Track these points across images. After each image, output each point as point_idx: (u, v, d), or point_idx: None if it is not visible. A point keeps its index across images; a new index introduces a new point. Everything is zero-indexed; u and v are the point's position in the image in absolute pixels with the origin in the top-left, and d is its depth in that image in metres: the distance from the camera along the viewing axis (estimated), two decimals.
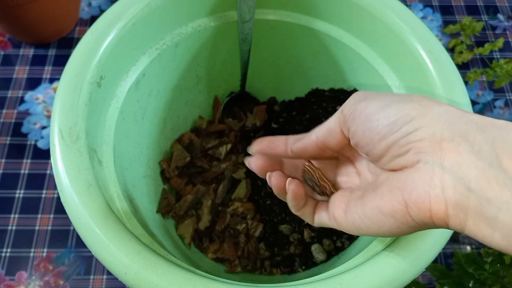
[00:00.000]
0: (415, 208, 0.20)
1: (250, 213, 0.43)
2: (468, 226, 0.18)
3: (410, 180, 0.20)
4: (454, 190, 0.18)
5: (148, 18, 0.34)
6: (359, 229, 0.23)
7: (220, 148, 0.45)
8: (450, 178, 0.18)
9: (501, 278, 0.39)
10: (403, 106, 0.21)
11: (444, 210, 0.19)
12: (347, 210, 0.24)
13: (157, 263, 0.25)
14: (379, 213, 0.21)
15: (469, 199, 0.18)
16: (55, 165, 0.28)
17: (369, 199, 0.22)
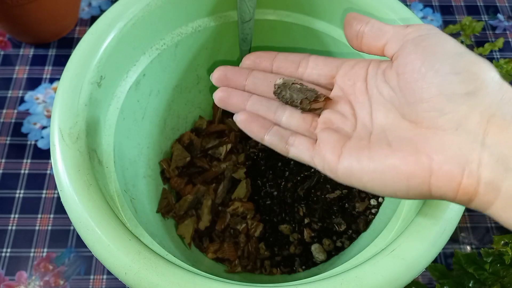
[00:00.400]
0: (443, 179, 0.19)
1: (250, 213, 0.43)
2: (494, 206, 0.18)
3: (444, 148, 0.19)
4: (491, 169, 0.18)
5: (148, 18, 0.34)
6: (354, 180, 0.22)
7: (220, 148, 0.45)
8: (490, 156, 0.18)
9: (501, 278, 0.39)
10: (472, 65, 0.20)
11: (475, 187, 0.18)
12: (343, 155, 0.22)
13: (157, 263, 0.25)
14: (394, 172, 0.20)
15: (505, 179, 0.18)
16: (55, 165, 0.28)
17: (382, 154, 0.21)
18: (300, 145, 0.25)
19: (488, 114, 0.19)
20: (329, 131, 0.24)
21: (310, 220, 0.42)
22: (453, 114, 0.19)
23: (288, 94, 0.26)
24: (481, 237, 0.48)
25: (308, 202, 0.43)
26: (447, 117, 0.20)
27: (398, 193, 0.21)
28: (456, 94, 0.19)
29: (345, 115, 0.25)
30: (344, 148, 0.23)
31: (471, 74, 0.19)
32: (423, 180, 0.20)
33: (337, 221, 0.41)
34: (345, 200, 0.42)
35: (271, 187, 0.44)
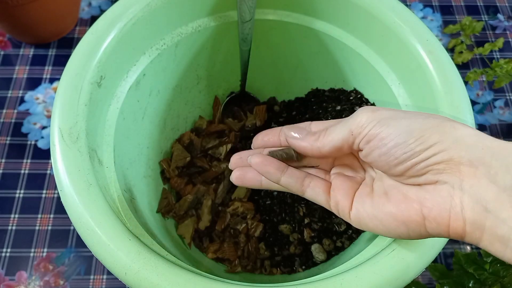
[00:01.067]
0: (434, 223, 0.21)
1: (250, 213, 0.43)
2: (483, 241, 0.20)
3: (430, 197, 0.21)
4: (472, 210, 0.20)
5: (148, 18, 0.34)
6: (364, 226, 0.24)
7: (220, 148, 0.45)
8: (469, 199, 0.20)
9: (501, 278, 0.39)
10: (421, 133, 0.21)
11: (462, 227, 0.20)
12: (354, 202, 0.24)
13: (157, 263, 0.25)
14: (392, 219, 0.22)
15: (486, 219, 0.19)
16: (55, 165, 0.28)
17: (381, 202, 0.23)
18: (316, 188, 0.26)
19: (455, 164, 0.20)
20: (342, 177, 0.26)
21: (310, 220, 0.42)
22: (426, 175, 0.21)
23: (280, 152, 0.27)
24: None
25: (308, 202, 0.43)
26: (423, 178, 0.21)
27: (401, 236, 0.23)
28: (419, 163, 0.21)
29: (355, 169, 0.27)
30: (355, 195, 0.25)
31: (423, 144, 0.21)
32: (419, 223, 0.22)
33: (337, 221, 0.41)
34: None
35: None
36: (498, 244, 0.19)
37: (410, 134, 0.21)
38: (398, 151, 0.22)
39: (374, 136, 0.23)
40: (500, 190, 0.19)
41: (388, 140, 0.22)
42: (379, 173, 0.25)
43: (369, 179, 0.26)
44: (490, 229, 0.19)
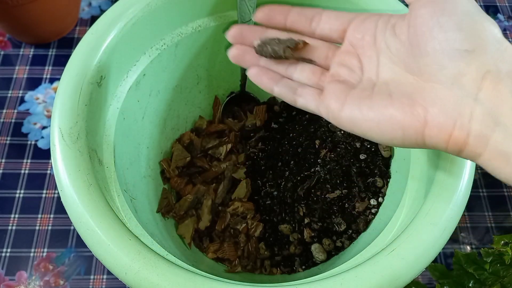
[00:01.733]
0: (435, 130, 0.21)
1: (250, 213, 0.43)
2: (482, 157, 0.20)
3: (439, 101, 0.21)
4: (481, 123, 0.19)
5: (148, 18, 0.34)
6: (356, 128, 0.23)
7: (220, 148, 0.45)
8: (481, 111, 0.19)
9: (501, 278, 0.39)
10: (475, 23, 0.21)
11: (465, 139, 0.20)
12: (346, 104, 0.24)
13: (157, 263, 0.25)
14: (392, 122, 0.22)
15: (493, 132, 0.19)
16: (55, 165, 0.28)
17: (382, 104, 0.22)
18: (307, 95, 0.26)
19: (484, 71, 0.20)
20: (335, 82, 0.26)
21: (310, 220, 0.42)
22: (450, 69, 0.21)
23: (270, 48, 0.27)
24: (481, 237, 0.48)
25: (308, 202, 0.43)
26: (445, 72, 0.21)
27: (394, 141, 0.22)
28: (456, 51, 0.20)
29: (352, 69, 0.26)
30: (347, 97, 0.24)
31: (473, 32, 0.20)
32: (418, 130, 0.21)
33: (337, 221, 0.41)
34: (345, 200, 0.42)
35: (271, 187, 0.44)
36: (500, 159, 0.19)
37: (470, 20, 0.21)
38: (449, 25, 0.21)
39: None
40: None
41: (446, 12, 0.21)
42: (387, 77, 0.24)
43: (367, 83, 0.25)
44: (495, 143, 0.19)
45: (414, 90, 0.22)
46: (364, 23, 0.26)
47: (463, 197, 0.27)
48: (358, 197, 0.42)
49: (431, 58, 0.21)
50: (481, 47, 0.20)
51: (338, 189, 0.43)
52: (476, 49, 0.20)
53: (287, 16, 0.28)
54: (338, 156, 0.44)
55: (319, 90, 0.26)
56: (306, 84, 0.27)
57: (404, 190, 0.33)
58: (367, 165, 0.42)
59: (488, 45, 0.20)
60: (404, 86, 0.23)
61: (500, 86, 0.19)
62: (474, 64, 0.20)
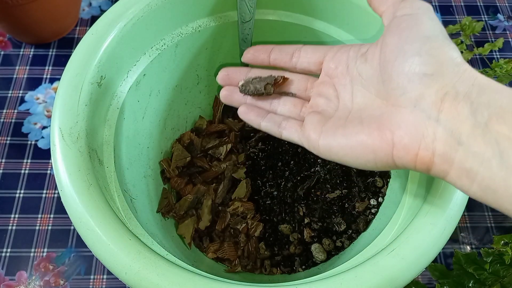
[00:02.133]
0: (402, 151, 0.22)
1: (250, 212, 0.43)
2: (449, 175, 0.21)
3: (403, 124, 0.22)
4: (444, 143, 0.20)
5: (148, 18, 0.34)
6: (333, 155, 0.25)
7: (220, 148, 0.45)
8: (443, 131, 0.20)
9: (501, 278, 0.39)
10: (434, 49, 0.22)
11: (430, 158, 0.21)
12: (322, 133, 0.25)
13: (158, 263, 0.25)
14: (362, 147, 0.23)
15: (456, 152, 0.20)
16: (55, 165, 0.28)
17: (354, 130, 0.24)
18: (290, 128, 0.28)
19: (443, 93, 0.21)
20: (313, 114, 0.28)
21: (310, 220, 0.42)
22: (411, 92, 0.22)
23: (252, 87, 0.30)
24: (481, 237, 0.48)
25: (308, 202, 0.43)
26: (407, 96, 0.22)
27: (368, 165, 0.24)
28: (416, 75, 0.22)
29: (329, 98, 0.28)
30: (323, 128, 0.26)
31: (432, 57, 0.22)
32: (387, 152, 0.22)
33: (337, 221, 0.41)
34: (345, 200, 0.42)
35: (271, 187, 0.44)
36: (465, 178, 0.20)
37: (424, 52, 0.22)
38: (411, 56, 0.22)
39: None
40: (476, 125, 0.19)
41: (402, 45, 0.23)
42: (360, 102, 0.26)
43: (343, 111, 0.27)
44: (459, 162, 0.20)
45: (382, 114, 0.23)
46: (337, 54, 0.29)
47: (463, 197, 0.27)
48: (358, 197, 0.42)
49: (395, 82, 0.23)
50: (440, 71, 0.21)
51: (338, 189, 0.43)
52: (434, 72, 0.21)
53: (270, 54, 0.31)
54: None
55: (300, 121, 0.28)
56: (289, 117, 0.30)
57: (404, 190, 0.33)
58: None
59: (447, 68, 0.21)
60: (374, 111, 0.24)
61: (459, 107, 0.20)
62: (433, 87, 0.21)
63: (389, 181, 0.41)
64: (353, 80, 0.27)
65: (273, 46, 0.31)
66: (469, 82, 0.21)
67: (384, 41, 0.24)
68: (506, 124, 0.19)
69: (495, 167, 0.19)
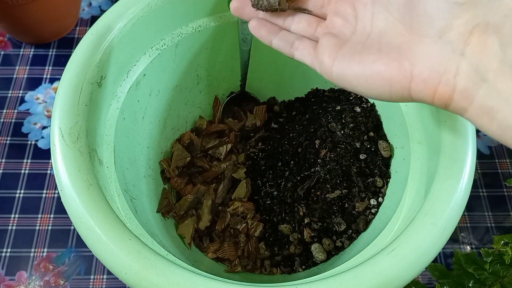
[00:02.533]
0: (421, 85, 0.20)
1: (250, 212, 0.43)
2: (468, 112, 0.20)
3: (425, 56, 0.20)
4: (467, 78, 0.19)
5: (148, 18, 0.34)
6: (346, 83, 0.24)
7: (220, 148, 0.45)
8: (467, 66, 0.19)
9: (501, 278, 0.39)
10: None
11: (450, 94, 0.20)
12: (337, 59, 0.24)
13: (158, 263, 0.25)
14: (379, 77, 0.22)
15: (479, 89, 0.19)
16: (55, 165, 0.28)
17: (371, 59, 0.22)
18: (303, 49, 0.26)
19: (472, 25, 0.19)
20: (329, 36, 0.25)
21: (310, 220, 0.42)
22: (438, 22, 0.20)
23: (265, 1, 0.27)
24: (481, 237, 0.48)
25: (308, 202, 0.43)
26: (433, 25, 0.20)
27: (382, 96, 0.22)
28: (446, 2, 0.20)
29: (347, 18, 0.26)
30: (339, 53, 0.24)
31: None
32: (404, 85, 0.21)
33: (337, 221, 0.41)
34: (345, 200, 0.42)
35: (271, 187, 0.44)
36: (486, 116, 0.19)
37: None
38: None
39: None
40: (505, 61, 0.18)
41: None
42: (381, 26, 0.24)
43: (360, 35, 0.24)
44: (480, 99, 0.19)
45: (403, 42, 0.22)
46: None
47: (463, 197, 0.27)
48: (358, 197, 0.42)
49: (423, 8, 0.21)
50: (473, 0, 0.19)
51: (338, 189, 0.43)
52: (467, 1, 0.19)
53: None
54: (338, 156, 0.44)
55: (315, 42, 0.26)
56: (303, 36, 0.27)
57: (404, 190, 0.33)
58: (367, 165, 0.42)
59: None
60: (395, 39, 0.22)
61: (488, 41, 0.19)
62: (463, 18, 0.19)
63: (389, 181, 0.41)
64: (375, 0, 0.24)
65: None
66: (503, 13, 0.19)
67: None
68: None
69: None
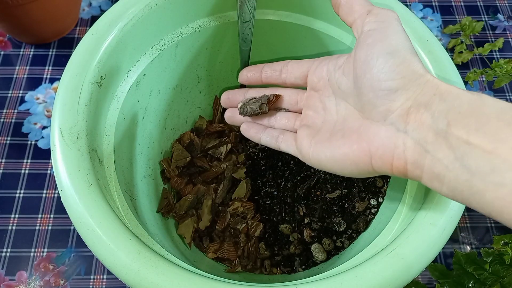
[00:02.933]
0: (379, 161, 0.24)
1: (250, 212, 0.43)
2: (423, 179, 0.22)
3: (377, 137, 0.24)
4: (413, 152, 0.22)
5: (148, 18, 0.34)
6: (322, 166, 0.27)
7: (220, 148, 0.45)
8: (411, 141, 0.22)
9: (501, 278, 0.39)
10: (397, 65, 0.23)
11: (404, 166, 0.23)
12: (312, 147, 0.28)
13: (158, 263, 0.25)
14: (346, 159, 0.25)
15: (425, 159, 0.22)
16: (55, 164, 0.28)
17: (338, 144, 0.26)
18: (286, 141, 0.31)
19: (407, 106, 0.23)
20: (304, 128, 0.30)
21: (310, 220, 0.42)
22: (380, 107, 0.24)
23: (249, 108, 0.33)
24: (481, 237, 0.48)
25: (308, 202, 0.43)
26: (377, 110, 0.24)
27: (353, 173, 0.26)
28: (382, 91, 0.23)
29: (317, 111, 0.30)
30: (312, 141, 0.28)
31: (395, 73, 0.23)
32: (366, 162, 0.24)
33: (337, 221, 0.41)
34: (345, 200, 0.42)
35: (271, 187, 0.44)
36: (436, 181, 0.22)
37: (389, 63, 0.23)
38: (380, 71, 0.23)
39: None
40: (438, 132, 0.21)
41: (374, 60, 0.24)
42: (343, 113, 0.28)
43: (329, 123, 0.29)
44: (428, 168, 0.22)
45: (360, 126, 0.25)
46: (318, 67, 0.30)
47: None
48: (358, 197, 0.42)
49: (366, 97, 0.24)
50: (403, 85, 0.23)
51: (338, 189, 0.43)
52: (398, 88, 0.23)
53: (261, 73, 0.34)
54: None
55: (295, 134, 0.31)
56: (285, 130, 0.32)
57: (404, 190, 0.33)
58: None
59: (409, 82, 0.23)
60: (354, 123, 0.26)
61: (422, 117, 0.22)
62: (398, 101, 0.23)
63: (389, 181, 0.41)
64: (334, 92, 0.29)
65: (263, 65, 0.34)
66: (431, 92, 0.22)
67: (355, 55, 0.25)
68: (464, 128, 0.20)
69: (458, 170, 0.20)
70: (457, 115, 0.21)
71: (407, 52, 0.24)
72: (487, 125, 0.20)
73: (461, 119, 0.20)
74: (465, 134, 0.20)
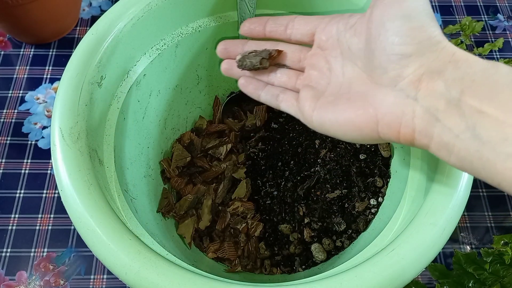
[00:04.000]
0: (385, 128, 0.23)
1: (250, 212, 0.43)
2: (430, 148, 0.22)
3: (386, 103, 0.23)
4: (422, 120, 0.21)
5: (148, 19, 0.34)
6: (325, 130, 0.26)
7: (220, 148, 0.45)
8: (421, 109, 0.21)
9: (501, 278, 0.39)
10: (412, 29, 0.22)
11: (411, 134, 0.22)
12: (315, 110, 0.27)
13: (158, 263, 0.25)
14: (350, 124, 0.24)
15: (434, 128, 0.21)
16: (55, 164, 0.28)
17: (342, 108, 0.25)
18: (287, 101, 0.29)
19: (420, 73, 0.22)
20: (308, 89, 0.28)
21: (310, 219, 0.42)
22: (391, 72, 0.23)
23: (248, 62, 0.30)
24: (481, 237, 0.48)
25: (308, 201, 0.43)
26: (388, 75, 0.23)
27: (356, 139, 0.25)
28: (395, 55, 0.22)
29: (322, 71, 0.29)
30: (317, 104, 0.27)
31: (410, 37, 0.22)
32: (372, 129, 0.24)
33: (337, 220, 0.41)
34: (345, 200, 0.42)
35: (271, 187, 0.44)
36: (444, 150, 0.21)
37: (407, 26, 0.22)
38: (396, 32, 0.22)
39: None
40: (450, 100, 0.20)
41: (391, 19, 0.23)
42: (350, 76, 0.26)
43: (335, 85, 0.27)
44: (437, 137, 0.21)
45: (367, 90, 0.24)
46: (328, 25, 0.28)
47: (463, 197, 0.27)
48: (358, 197, 0.42)
49: (378, 60, 0.23)
50: (417, 51, 0.22)
51: (338, 189, 0.43)
52: (413, 53, 0.22)
53: (265, 27, 0.31)
54: (338, 156, 0.44)
55: (297, 93, 0.29)
56: (286, 88, 0.30)
57: (404, 190, 0.33)
58: (367, 165, 0.43)
59: (425, 48, 0.22)
60: (361, 87, 0.25)
61: (434, 85, 0.21)
62: (411, 67, 0.22)
63: (389, 181, 0.41)
64: (343, 52, 0.27)
65: (268, 18, 0.32)
66: (446, 59, 0.21)
67: (370, 15, 0.24)
68: (477, 97, 0.20)
69: (469, 140, 0.20)
70: (471, 83, 0.20)
71: (426, 16, 0.22)
72: (501, 94, 0.19)
73: (475, 87, 0.20)
74: (478, 103, 0.19)
